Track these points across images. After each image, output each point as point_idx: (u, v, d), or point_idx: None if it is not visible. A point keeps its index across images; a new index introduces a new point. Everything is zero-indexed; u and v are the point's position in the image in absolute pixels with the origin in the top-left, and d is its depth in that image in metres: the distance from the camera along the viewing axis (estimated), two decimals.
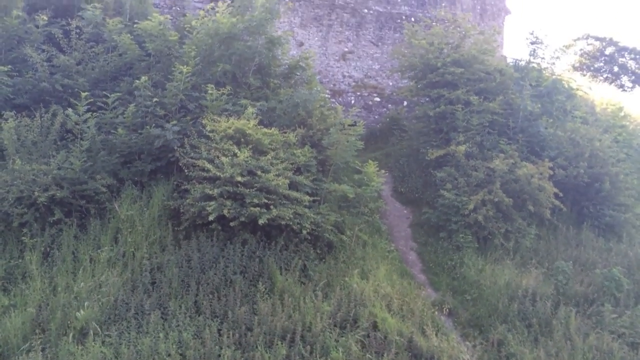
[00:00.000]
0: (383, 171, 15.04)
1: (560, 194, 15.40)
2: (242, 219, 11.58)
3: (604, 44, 35.62)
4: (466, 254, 14.37)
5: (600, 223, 16.38)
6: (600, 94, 22.38)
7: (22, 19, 14.60)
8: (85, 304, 10.32)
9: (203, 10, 15.68)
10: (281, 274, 11.64)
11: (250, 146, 12.43)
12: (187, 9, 17.15)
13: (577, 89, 18.22)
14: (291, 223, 11.82)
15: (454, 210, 14.92)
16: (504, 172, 15.15)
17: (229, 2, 16.11)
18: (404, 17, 21.25)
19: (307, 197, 12.40)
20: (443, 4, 21.71)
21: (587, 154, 16.47)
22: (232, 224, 11.63)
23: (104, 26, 14.81)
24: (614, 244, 15.91)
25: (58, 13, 15.44)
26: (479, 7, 24.03)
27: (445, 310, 12.85)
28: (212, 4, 16.47)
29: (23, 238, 11.44)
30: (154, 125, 12.87)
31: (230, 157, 12.04)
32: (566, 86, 17.81)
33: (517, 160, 15.52)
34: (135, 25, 14.89)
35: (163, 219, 12.35)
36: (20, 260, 11.22)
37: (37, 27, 14.49)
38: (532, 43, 17.81)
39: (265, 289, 11.23)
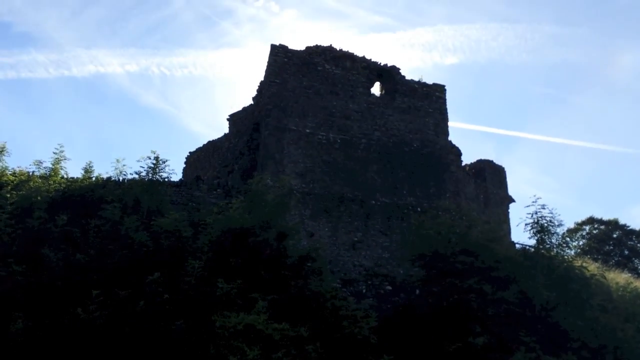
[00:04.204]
0: None
1: None
2: None
3: (609, 227, 36.27)
4: None
5: None
6: (614, 279, 22.01)
7: (44, 219, 15.15)
8: None
9: (217, 206, 16.34)
10: None
11: (260, 344, 12.03)
12: (202, 205, 17.85)
13: (592, 277, 18.04)
14: None
15: None
16: None
17: (242, 198, 16.88)
18: (410, 208, 21.95)
19: None
20: (447, 195, 22.54)
21: (612, 345, 15.76)
22: None
23: (122, 224, 15.30)
24: None
25: (79, 211, 16.08)
26: (482, 196, 24.95)
27: None
28: (227, 200, 17.25)
29: None
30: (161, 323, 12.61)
31: (238, 358, 11.58)
32: (579, 274, 17.67)
33: (539, 354, 14.80)
34: (151, 222, 15.39)
35: None
36: None
37: (57, 226, 14.97)
38: (538, 232, 18.11)
39: None
